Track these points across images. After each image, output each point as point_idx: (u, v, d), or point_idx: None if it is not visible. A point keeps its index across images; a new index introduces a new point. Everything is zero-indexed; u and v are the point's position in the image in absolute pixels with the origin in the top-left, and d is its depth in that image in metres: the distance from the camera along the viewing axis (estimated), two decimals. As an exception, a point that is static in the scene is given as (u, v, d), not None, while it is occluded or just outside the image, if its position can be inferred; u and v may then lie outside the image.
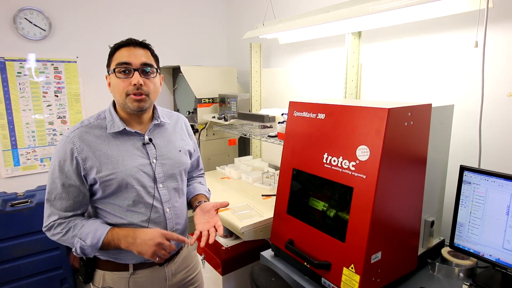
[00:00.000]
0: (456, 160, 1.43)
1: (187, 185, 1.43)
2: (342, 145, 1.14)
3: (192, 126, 2.88)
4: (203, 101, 2.74)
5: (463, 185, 1.25)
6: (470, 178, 1.23)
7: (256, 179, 2.25)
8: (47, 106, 2.61)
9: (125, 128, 1.17)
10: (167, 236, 1.10)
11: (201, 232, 1.17)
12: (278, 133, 1.91)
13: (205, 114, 2.73)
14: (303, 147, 1.30)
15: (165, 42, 3.07)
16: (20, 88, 2.49)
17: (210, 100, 2.78)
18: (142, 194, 1.17)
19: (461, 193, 1.26)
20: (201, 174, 1.56)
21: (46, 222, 1.13)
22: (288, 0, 2.51)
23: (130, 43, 1.15)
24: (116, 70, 1.13)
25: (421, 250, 1.28)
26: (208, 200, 1.41)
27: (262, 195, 2.02)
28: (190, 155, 1.39)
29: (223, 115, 2.52)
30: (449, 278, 1.25)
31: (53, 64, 2.59)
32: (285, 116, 1.86)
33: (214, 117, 2.61)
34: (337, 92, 2.13)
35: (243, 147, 3.19)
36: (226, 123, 2.46)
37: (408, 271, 1.22)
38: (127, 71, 1.13)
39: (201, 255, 1.95)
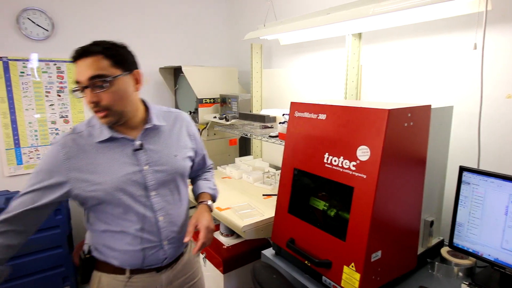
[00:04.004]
0: (455, 160, 1.45)
1: (193, 183, 1.40)
2: (343, 145, 1.15)
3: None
4: (204, 101, 2.75)
5: (462, 185, 1.27)
6: (469, 179, 1.25)
7: (257, 179, 2.26)
8: (50, 105, 2.63)
9: (111, 136, 1.11)
10: None
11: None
12: (279, 133, 1.93)
13: (206, 114, 2.74)
14: (304, 147, 1.31)
15: (167, 43, 3.08)
16: (23, 88, 2.51)
17: (211, 100, 2.79)
18: (130, 203, 1.12)
19: (460, 193, 1.27)
20: (209, 169, 1.51)
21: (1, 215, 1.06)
22: (289, 1, 2.53)
23: (78, 55, 1.05)
24: (73, 91, 1.06)
25: (420, 250, 1.30)
26: (212, 197, 1.38)
27: (263, 195, 2.03)
28: (191, 158, 1.32)
29: (224, 115, 2.53)
30: (448, 277, 1.26)
31: (55, 64, 2.61)
32: (286, 117, 1.88)
33: (215, 117, 2.63)
34: (337, 93, 2.15)
35: (244, 147, 3.21)
36: (228, 123, 2.48)
37: (408, 270, 1.24)
38: (80, 90, 1.05)
39: (202, 254, 1.97)
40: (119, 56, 1.09)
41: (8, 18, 2.40)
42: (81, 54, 1.04)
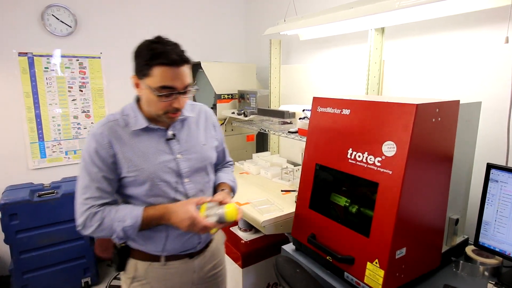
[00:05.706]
0: (482, 158, 1.41)
1: None
2: (368, 140, 1.14)
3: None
4: (222, 97, 2.76)
5: (489, 183, 1.24)
6: (498, 176, 1.22)
7: (275, 174, 2.27)
8: (72, 100, 2.69)
9: (148, 126, 1.17)
10: (195, 221, 1.09)
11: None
12: (299, 129, 1.92)
13: (224, 110, 2.76)
14: (326, 142, 1.31)
15: (186, 38, 3.08)
16: (46, 83, 2.58)
17: (230, 96, 2.80)
18: (166, 190, 1.17)
19: (488, 191, 1.24)
20: (228, 165, 1.53)
21: (80, 218, 1.12)
22: (309, -4, 2.50)
23: (175, 62, 1.07)
24: (159, 93, 1.08)
25: (444, 248, 1.28)
26: (231, 189, 1.39)
27: (282, 191, 2.03)
28: (217, 147, 1.37)
29: (242, 111, 2.54)
30: (473, 276, 1.24)
31: (78, 60, 2.67)
32: (307, 112, 1.87)
33: (233, 112, 2.64)
34: (357, 88, 2.12)
35: (261, 143, 3.21)
36: (246, 118, 2.48)
37: (432, 268, 1.22)
38: (170, 95, 1.10)
39: (221, 248, 1.99)
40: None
41: (33, 15, 2.47)
42: (181, 61, 1.09)
